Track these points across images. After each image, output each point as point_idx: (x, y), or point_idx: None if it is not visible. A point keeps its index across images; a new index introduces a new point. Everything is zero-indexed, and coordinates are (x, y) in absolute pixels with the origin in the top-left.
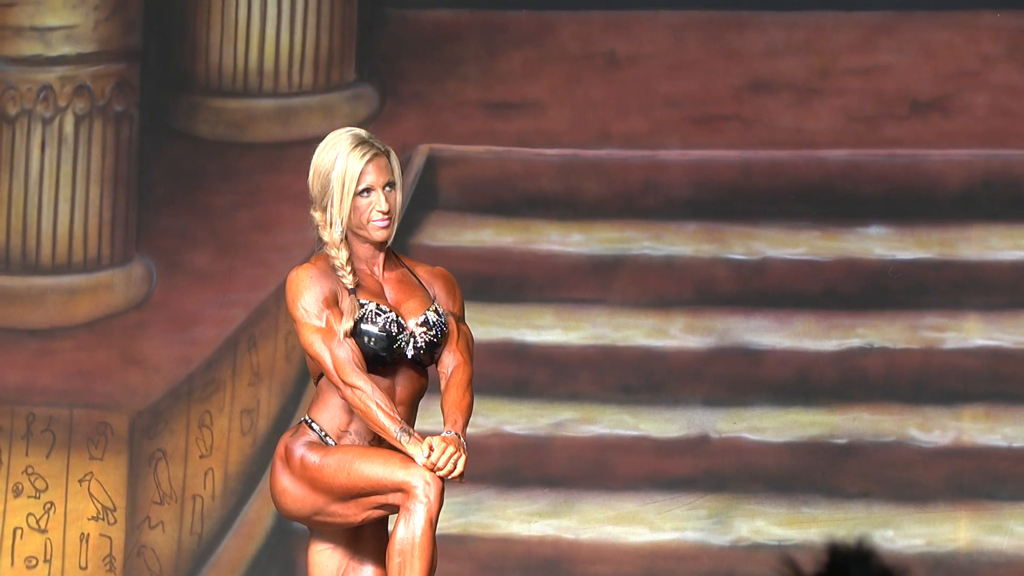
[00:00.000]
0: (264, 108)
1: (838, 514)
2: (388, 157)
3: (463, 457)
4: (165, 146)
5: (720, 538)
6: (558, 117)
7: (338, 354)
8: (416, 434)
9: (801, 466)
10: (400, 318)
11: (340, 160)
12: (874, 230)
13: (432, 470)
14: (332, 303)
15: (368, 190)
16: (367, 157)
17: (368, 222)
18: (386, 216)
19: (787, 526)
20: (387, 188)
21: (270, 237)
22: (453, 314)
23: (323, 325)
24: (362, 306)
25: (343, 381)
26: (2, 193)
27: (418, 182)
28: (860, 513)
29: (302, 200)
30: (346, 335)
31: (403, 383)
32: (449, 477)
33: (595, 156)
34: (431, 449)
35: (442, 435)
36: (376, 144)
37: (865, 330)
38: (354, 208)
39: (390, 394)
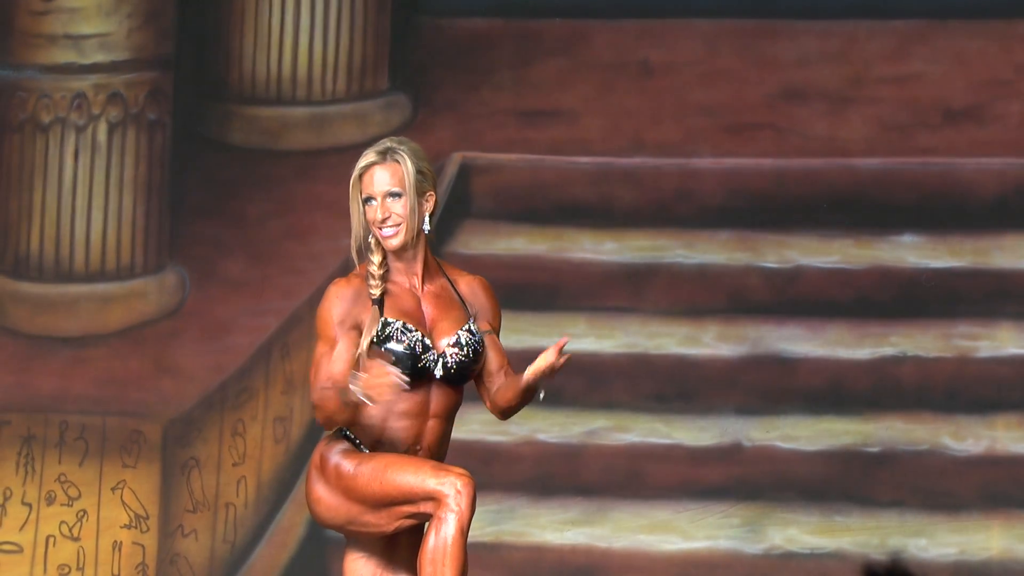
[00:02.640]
0: (297, 116)
1: (871, 523)
2: (403, 164)
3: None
4: (198, 154)
5: (753, 546)
6: (591, 125)
7: (320, 367)
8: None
9: (834, 475)
10: (427, 338)
11: (354, 169)
12: (907, 238)
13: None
14: (350, 327)
15: (369, 198)
16: (363, 166)
17: (377, 231)
18: (385, 223)
19: (820, 535)
20: (390, 198)
21: (303, 245)
22: (495, 330)
23: (329, 349)
24: (388, 325)
25: (312, 389)
26: (35, 201)
27: (451, 190)
28: (893, 522)
29: (335, 208)
30: (361, 348)
31: (437, 397)
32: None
33: (628, 164)
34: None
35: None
36: (386, 154)
37: (898, 339)
38: (365, 216)
39: (424, 407)
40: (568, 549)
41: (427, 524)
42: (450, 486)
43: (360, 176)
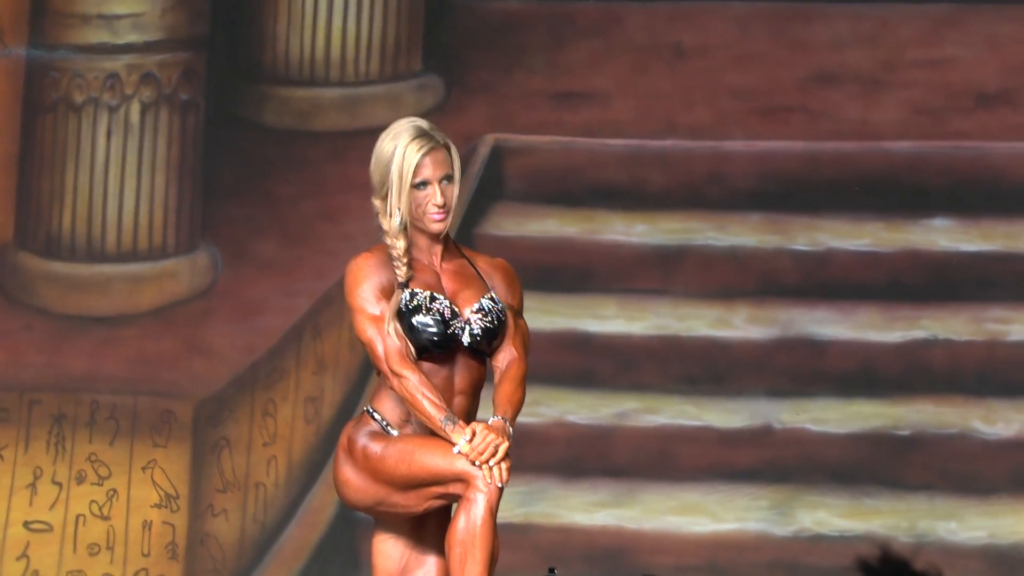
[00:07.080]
0: (330, 97)
1: (900, 506)
2: (448, 150)
3: (505, 444)
4: (231, 135)
5: (782, 529)
6: (624, 108)
7: (389, 342)
8: (461, 422)
9: (864, 458)
10: (455, 306)
11: (399, 152)
12: (939, 222)
13: (472, 461)
14: (388, 293)
15: (425, 183)
16: (424, 150)
17: (424, 214)
18: (442, 209)
19: (849, 517)
20: (444, 182)
21: (336, 226)
22: (511, 307)
23: (378, 313)
24: (416, 295)
25: (391, 369)
26: (68, 181)
27: (483, 172)
28: (923, 505)
29: (368, 189)
30: (390, 325)
31: (462, 372)
32: (491, 462)
33: (660, 147)
34: (474, 434)
35: (488, 421)
36: (436, 136)
37: (929, 322)
38: (411, 200)
39: (449, 383)
40: (598, 530)
41: (456, 505)
42: (479, 467)
43: (419, 160)
